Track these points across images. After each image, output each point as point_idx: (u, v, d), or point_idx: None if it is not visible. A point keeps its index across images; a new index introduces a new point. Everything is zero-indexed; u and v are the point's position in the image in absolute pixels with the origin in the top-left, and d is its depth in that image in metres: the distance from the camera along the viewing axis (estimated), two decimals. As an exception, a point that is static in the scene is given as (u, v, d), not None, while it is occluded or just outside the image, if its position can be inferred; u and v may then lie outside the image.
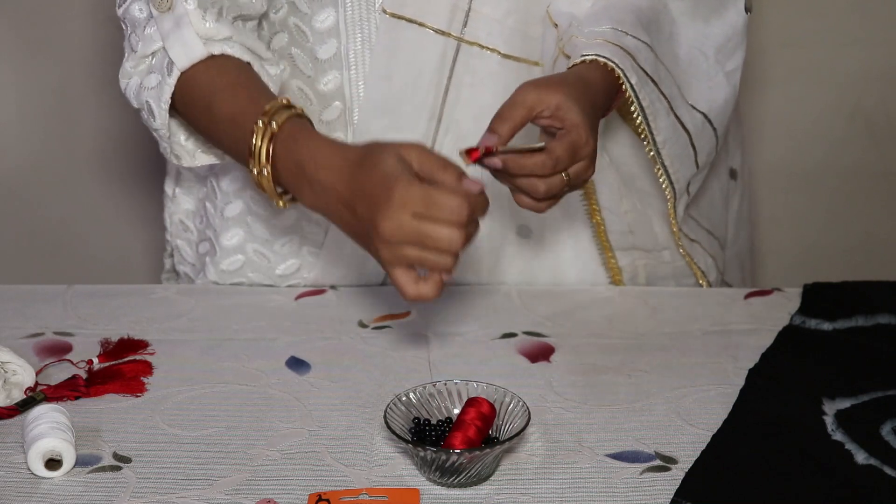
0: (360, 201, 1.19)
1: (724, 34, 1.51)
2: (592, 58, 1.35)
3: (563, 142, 1.25)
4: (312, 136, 1.28)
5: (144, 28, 1.39)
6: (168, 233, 1.68)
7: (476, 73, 1.47)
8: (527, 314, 1.48)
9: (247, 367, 1.36)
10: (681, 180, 1.47)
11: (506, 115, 1.25)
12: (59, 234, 2.47)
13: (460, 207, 1.15)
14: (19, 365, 1.31)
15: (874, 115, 2.41)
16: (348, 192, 1.21)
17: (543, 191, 1.26)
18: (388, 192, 1.16)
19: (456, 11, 1.45)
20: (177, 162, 1.46)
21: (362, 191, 1.19)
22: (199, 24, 1.36)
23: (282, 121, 1.27)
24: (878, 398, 1.28)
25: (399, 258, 1.18)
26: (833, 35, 2.37)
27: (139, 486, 1.16)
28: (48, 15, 2.34)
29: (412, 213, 1.15)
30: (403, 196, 1.15)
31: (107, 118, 2.36)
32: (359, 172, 1.20)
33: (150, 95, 1.39)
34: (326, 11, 1.45)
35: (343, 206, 1.22)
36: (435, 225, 1.15)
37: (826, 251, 2.49)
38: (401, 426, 1.18)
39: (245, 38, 1.40)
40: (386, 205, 1.16)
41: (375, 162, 1.19)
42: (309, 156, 1.25)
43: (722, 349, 1.39)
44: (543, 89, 1.27)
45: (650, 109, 1.40)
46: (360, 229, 1.21)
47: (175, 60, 1.36)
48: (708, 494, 1.14)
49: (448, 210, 1.15)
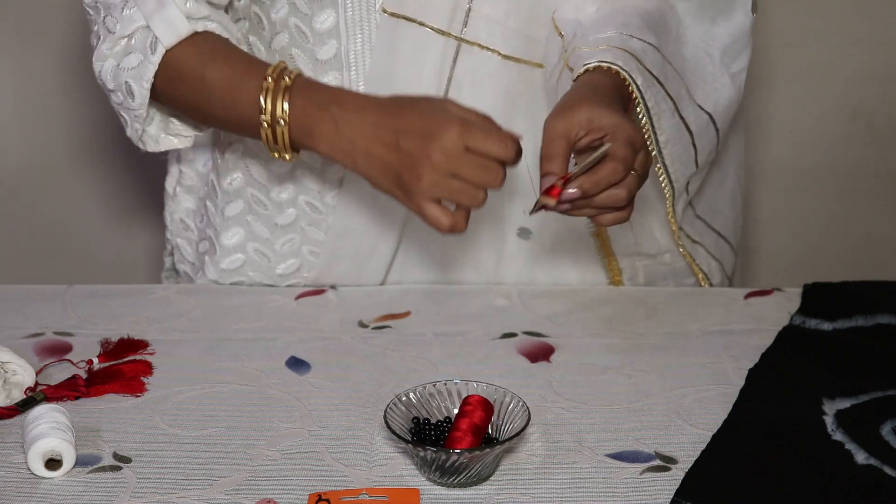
0: (405, 135, 1.25)
1: (730, 35, 1.51)
2: (596, 65, 1.35)
3: (618, 142, 1.25)
4: (331, 86, 1.34)
5: (122, 10, 1.40)
6: (168, 231, 1.68)
7: (476, 73, 1.47)
8: (527, 314, 1.48)
9: (247, 367, 1.36)
10: (680, 179, 1.47)
11: (550, 153, 1.26)
12: (59, 234, 2.48)
13: (509, 144, 1.23)
14: (19, 365, 1.31)
15: (875, 115, 2.42)
16: (390, 126, 1.26)
17: (625, 195, 1.26)
18: (441, 123, 1.23)
19: (456, 11, 1.45)
20: (142, 147, 1.48)
21: (409, 125, 1.25)
22: (180, 2, 1.38)
23: (293, 75, 1.33)
24: (878, 398, 1.28)
25: (442, 188, 1.23)
26: (834, 35, 2.37)
27: (139, 486, 1.16)
28: (47, 14, 2.34)
29: (465, 145, 1.22)
30: (457, 128, 1.22)
31: (106, 117, 2.36)
32: (401, 111, 1.27)
33: (130, 75, 1.40)
34: (326, 12, 1.45)
35: (378, 143, 1.27)
36: (485, 160, 1.22)
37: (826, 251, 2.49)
38: (401, 426, 1.18)
39: (220, 18, 1.43)
40: (440, 134, 1.23)
41: (419, 102, 1.28)
42: (334, 99, 1.30)
43: (722, 349, 1.39)
44: (566, 113, 1.27)
45: (655, 110, 1.40)
46: (399, 163, 1.25)
47: (161, 38, 1.38)
48: (708, 494, 1.14)
49: (499, 145, 1.22)
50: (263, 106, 1.32)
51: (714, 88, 1.49)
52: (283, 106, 1.31)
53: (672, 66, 1.43)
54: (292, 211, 1.55)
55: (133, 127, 1.45)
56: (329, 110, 1.29)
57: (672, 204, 1.49)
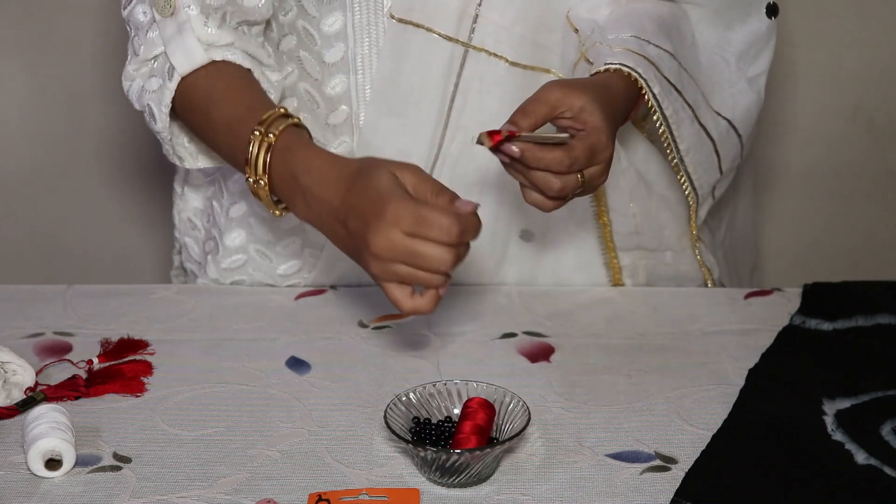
0: (352, 216, 1.20)
1: (745, 41, 1.51)
2: (617, 67, 1.34)
3: (583, 142, 1.24)
4: (308, 147, 1.29)
5: (147, 32, 1.39)
6: (177, 230, 1.69)
7: (483, 79, 1.47)
8: (527, 314, 1.48)
9: (247, 367, 1.36)
10: (704, 186, 1.47)
11: (528, 109, 1.24)
12: (65, 234, 2.48)
13: (451, 227, 1.16)
14: (19, 365, 1.31)
15: (875, 114, 2.41)
16: (341, 206, 1.22)
17: (558, 188, 1.24)
18: (380, 208, 1.17)
19: (464, 17, 1.44)
20: (179, 164, 1.48)
21: (355, 206, 1.20)
22: (200, 30, 1.37)
23: (279, 131, 1.28)
24: (878, 398, 1.28)
25: (390, 275, 1.19)
26: (834, 35, 2.37)
27: (139, 486, 1.16)
28: (53, 15, 2.34)
29: (403, 230, 1.16)
30: (395, 213, 1.16)
31: (113, 117, 2.37)
32: (353, 187, 1.21)
33: (152, 99, 1.40)
34: (334, 15, 1.45)
35: (335, 220, 1.23)
36: (426, 243, 1.16)
37: (826, 251, 2.49)
38: (401, 426, 1.18)
39: (247, 45, 1.40)
40: (377, 221, 1.16)
41: (369, 178, 1.20)
42: (304, 168, 1.26)
43: (722, 349, 1.39)
44: (568, 90, 1.26)
45: (674, 119, 1.39)
46: (351, 244, 1.22)
47: (176, 66, 1.37)
48: (708, 494, 1.14)
49: (439, 229, 1.15)
50: (249, 158, 1.29)
51: (731, 94, 1.49)
52: (264, 169, 1.28)
53: (688, 73, 1.43)
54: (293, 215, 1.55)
55: (165, 148, 1.46)
56: (299, 181, 1.26)
57: (696, 210, 1.49)
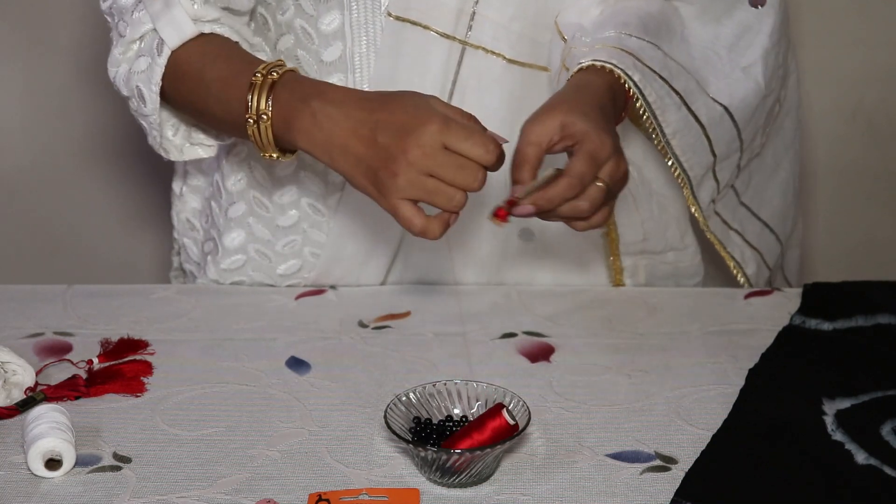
0: (383, 129, 1.22)
1: (734, 33, 1.51)
2: (589, 63, 1.35)
3: (579, 154, 1.24)
4: (317, 80, 1.32)
5: (132, 13, 1.40)
6: (176, 231, 1.69)
7: (481, 76, 1.47)
8: (527, 314, 1.48)
9: (247, 367, 1.36)
10: (695, 168, 1.46)
11: (519, 159, 1.25)
12: (63, 233, 2.48)
13: (490, 151, 1.19)
14: (19, 365, 1.31)
15: (875, 114, 2.41)
16: (367, 120, 1.23)
17: (587, 208, 1.24)
18: (424, 120, 1.20)
19: (461, 15, 1.45)
20: (165, 156, 1.47)
21: (388, 121, 1.22)
22: (187, 5, 1.38)
23: (281, 71, 1.30)
24: (878, 398, 1.28)
25: (416, 187, 1.20)
26: (834, 35, 2.37)
27: (139, 486, 1.16)
28: (51, 14, 2.34)
29: (444, 144, 1.19)
30: (441, 127, 1.20)
31: (113, 118, 2.37)
32: (384, 106, 1.23)
33: (140, 79, 1.40)
34: (332, 14, 1.45)
35: (354, 137, 1.24)
36: (464, 161, 1.20)
37: (826, 251, 2.49)
38: (401, 426, 1.18)
39: (234, 23, 1.42)
40: (421, 131, 1.19)
41: (404, 97, 1.24)
42: (316, 92, 1.28)
43: (722, 349, 1.39)
44: (541, 118, 1.26)
45: (658, 104, 1.39)
46: (375, 156, 1.23)
47: (166, 39, 1.37)
48: (708, 494, 1.14)
49: (480, 150, 1.19)
50: (249, 102, 1.30)
51: (727, 83, 1.48)
52: (267, 101, 1.29)
53: (677, 63, 1.43)
54: (294, 213, 1.55)
55: (152, 135, 1.45)
56: (309, 104, 1.27)
57: (692, 192, 1.48)
